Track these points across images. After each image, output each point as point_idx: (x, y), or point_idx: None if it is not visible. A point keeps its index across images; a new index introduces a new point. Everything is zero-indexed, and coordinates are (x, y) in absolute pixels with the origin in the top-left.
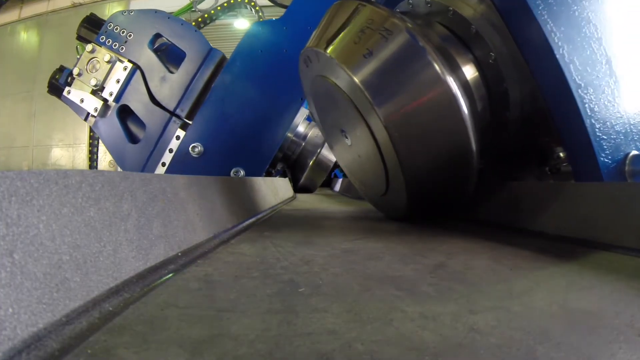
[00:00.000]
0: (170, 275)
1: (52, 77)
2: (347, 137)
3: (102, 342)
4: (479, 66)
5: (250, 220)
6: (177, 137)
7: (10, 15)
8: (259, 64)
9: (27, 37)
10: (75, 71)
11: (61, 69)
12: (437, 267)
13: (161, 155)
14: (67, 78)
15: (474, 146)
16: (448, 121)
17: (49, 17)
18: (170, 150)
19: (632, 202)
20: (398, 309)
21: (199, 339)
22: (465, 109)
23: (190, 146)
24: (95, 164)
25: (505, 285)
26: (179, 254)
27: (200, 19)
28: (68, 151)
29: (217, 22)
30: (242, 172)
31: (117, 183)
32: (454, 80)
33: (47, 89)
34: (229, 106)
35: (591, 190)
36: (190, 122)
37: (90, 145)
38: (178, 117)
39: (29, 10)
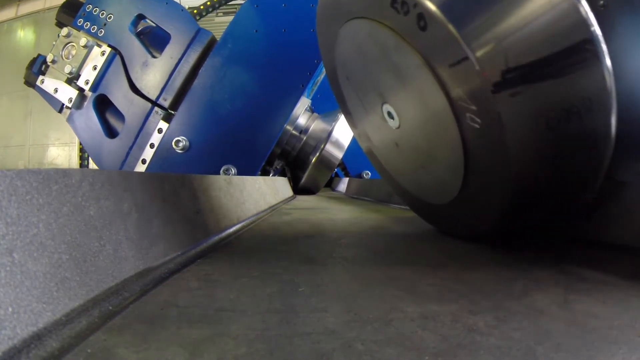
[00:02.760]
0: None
1: (28, 67)
2: (390, 115)
3: (102, 341)
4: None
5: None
6: (160, 130)
7: (7, 12)
8: (253, 45)
9: (23, 35)
10: (49, 58)
11: (38, 57)
12: None
13: (141, 151)
14: (41, 66)
15: (613, 120)
16: (579, 72)
17: (46, 14)
18: (152, 146)
19: None
20: None
21: (199, 338)
22: (605, 55)
23: (174, 140)
24: (86, 163)
25: None
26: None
27: (195, 11)
28: (64, 150)
29: (217, 20)
30: (233, 171)
31: (117, 182)
32: (588, 9)
33: (23, 80)
34: (219, 94)
35: None
36: (174, 113)
37: (81, 143)
38: (160, 107)
39: (26, 8)
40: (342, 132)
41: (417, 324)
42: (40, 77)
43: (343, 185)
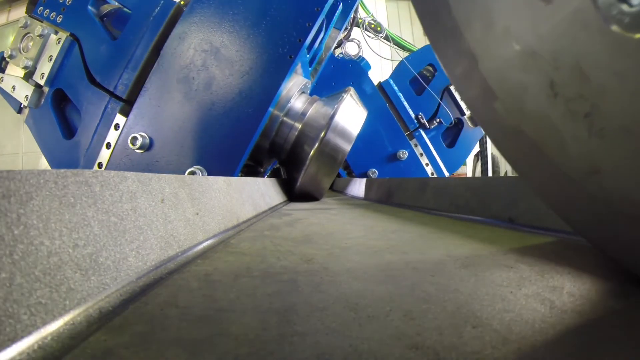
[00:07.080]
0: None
1: None
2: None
3: (102, 341)
4: None
5: None
6: (117, 127)
7: None
8: (229, 8)
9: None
10: (6, 53)
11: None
12: None
13: (97, 153)
14: (0, 63)
15: None
16: None
17: None
18: (108, 146)
19: None
20: None
21: (199, 338)
22: None
23: (130, 137)
24: None
25: None
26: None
27: (182, 2)
28: None
29: None
30: (201, 173)
31: (116, 183)
32: None
33: None
34: (184, 74)
35: None
36: (133, 103)
37: (39, 146)
38: (117, 97)
39: (17, 14)
40: (349, 115)
41: None
42: (0, 75)
43: (356, 187)
